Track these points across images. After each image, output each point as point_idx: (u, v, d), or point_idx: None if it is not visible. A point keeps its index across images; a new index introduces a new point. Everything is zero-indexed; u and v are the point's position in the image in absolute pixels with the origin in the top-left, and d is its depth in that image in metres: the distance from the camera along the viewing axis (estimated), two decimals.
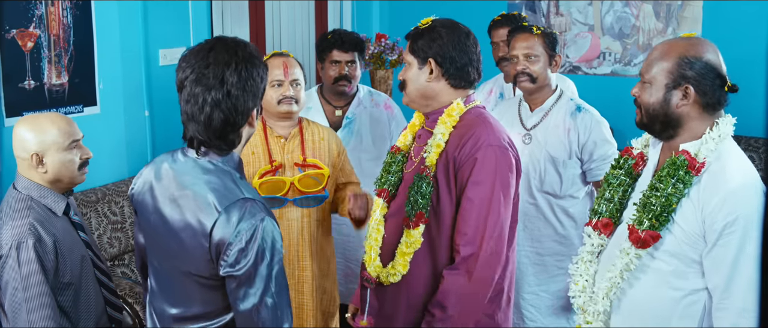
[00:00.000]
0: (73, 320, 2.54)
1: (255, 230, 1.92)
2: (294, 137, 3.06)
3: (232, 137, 2.02)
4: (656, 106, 2.16)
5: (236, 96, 1.96)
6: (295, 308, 3.05)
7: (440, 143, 2.50)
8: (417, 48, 2.54)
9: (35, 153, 2.47)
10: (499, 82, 4.28)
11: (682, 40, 2.19)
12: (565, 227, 3.40)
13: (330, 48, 3.72)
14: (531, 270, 3.46)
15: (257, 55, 2.03)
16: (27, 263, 2.37)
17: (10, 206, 2.48)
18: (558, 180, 3.36)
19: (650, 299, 2.17)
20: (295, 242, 3.02)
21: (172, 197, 2.03)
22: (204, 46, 2.01)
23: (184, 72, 1.99)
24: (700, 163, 2.09)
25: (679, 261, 2.12)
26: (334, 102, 3.83)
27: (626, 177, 2.33)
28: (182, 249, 2.01)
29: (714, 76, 2.11)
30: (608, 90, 5.74)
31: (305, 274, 3.03)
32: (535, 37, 3.35)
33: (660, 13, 5.59)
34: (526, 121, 3.44)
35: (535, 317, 3.47)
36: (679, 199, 2.09)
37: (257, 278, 1.93)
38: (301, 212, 3.01)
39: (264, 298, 1.94)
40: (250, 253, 1.91)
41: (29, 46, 3.72)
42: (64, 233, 2.52)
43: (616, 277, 2.19)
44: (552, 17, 5.99)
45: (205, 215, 1.95)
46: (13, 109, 3.64)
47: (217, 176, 2.00)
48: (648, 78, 2.18)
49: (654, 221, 2.11)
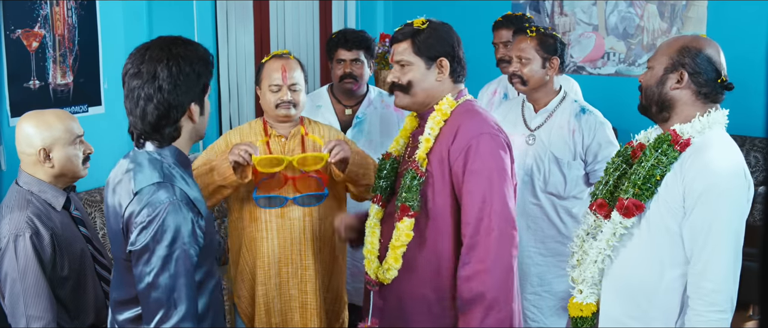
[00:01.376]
0: (72, 313, 2.59)
1: (159, 211, 1.99)
2: (294, 136, 3.06)
3: (168, 130, 2.10)
4: (653, 87, 2.31)
5: (168, 90, 2.05)
6: (299, 308, 3.05)
7: (429, 138, 2.53)
8: (421, 48, 2.54)
9: (42, 148, 2.53)
10: (504, 82, 4.28)
11: (688, 36, 2.36)
12: (569, 227, 3.39)
13: (335, 47, 3.75)
14: (534, 271, 3.45)
15: (194, 53, 2.10)
16: (24, 256, 2.43)
17: (10, 201, 2.54)
18: (562, 181, 3.36)
19: (636, 271, 2.28)
20: (297, 241, 3.02)
21: (114, 184, 2.15)
22: (144, 44, 2.12)
23: (125, 68, 2.11)
24: (684, 140, 2.21)
25: (663, 235, 2.22)
26: (344, 101, 3.84)
27: (623, 164, 2.42)
28: (113, 233, 2.14)
29: (711, 69, 2.24)
30: (612, 90, 5.74)
31: (308, 273, 3.03)
32: (528, 39, 3.35)
33: (664, 13, 5.58)
34: (530, 122, 3.43)
35: (538, 317, 3.47)
36: (663, 173, 2.22)
37: (154, 257, 1.99)
38: (302, 211, 3.01)
39: (159, 277, 1.99)
40: (149, 230, 1.99)
41: (34, 46, 3.73)
42: (63, 227, 2.57)
43: (602, 244, 2.31)
44: (556, 17, 5.99)
45: (125, 197, 2.06)
46: (18, 109, 3.65)
47: (149, 164, 2.09)
48: (651, 64, 2.34)
49: (637, 189, 2.23)
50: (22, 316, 2.43)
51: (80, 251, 2.62)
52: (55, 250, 2.51)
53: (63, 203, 2.60)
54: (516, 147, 3.40)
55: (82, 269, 2.62)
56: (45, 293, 2.45)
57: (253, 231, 3.03)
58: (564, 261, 3.40)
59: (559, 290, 3.45)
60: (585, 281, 2.37)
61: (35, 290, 2.44)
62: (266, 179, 2.93)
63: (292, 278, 3.03)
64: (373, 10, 6.60)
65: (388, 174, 2.68)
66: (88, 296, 2.62)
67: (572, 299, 2.42)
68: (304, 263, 3.03)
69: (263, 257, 3.02)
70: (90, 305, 2.63)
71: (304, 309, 3.05)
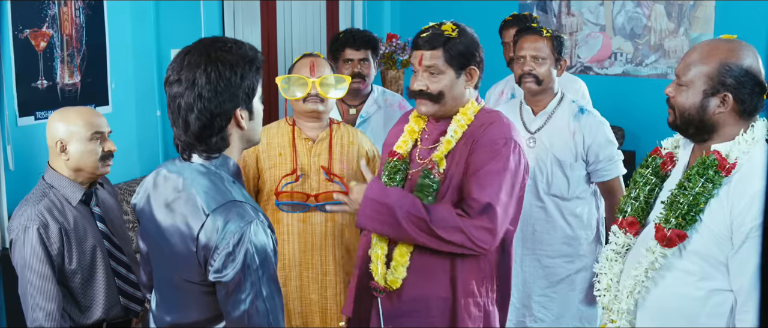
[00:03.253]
0: (81, 306, 2.70)
1: (243, 234, 1.85)
2: (322, 140, 3.02)
3: (214, 140, 1.94)
4: (692, 111, 2.12)
5: (208, 98, 1.89)
6: (319, 312, 3.04)
7: (451, 140, 2.51)
8: (455, 56, 2.49)
9: (60, 140, 2.66)
10: (511, 83, 4.28)
11: (722, 43, 2.14)
12: (573, 228, 3.39)
13: (342, 47, 3.73)
14: (541, 273, 3.45)
15: (236, 54, 1.94)
16: (31, 247, 2.56)
17: (31, 194, 2.69)
18: (566, 183, 3.35)
19: (676, 299, 2.13)
20: (319, 246, 3.00)
21: (166, 201, 1.97)
22: (184, 49, 1.97)
23: (166, 75, 1.97)
24: (730, 163, 2.05)
25: (705, 262, 2.08)
26: (348, 101, 3.84)
27: (653, 176, 2.30)
28: (173, 255, 1.95)
29: (753, 83, 2.07)
30: (620, 90, 5.73)
31: (328, 278, 3.02)
32: (544, 39, 3.33)
33: (672, 14, 5.57)
34: (530, 124, 3.42)
35: (547, 319, 3.47)
36: (708, 199, 2.06)
37: (247, 283, 1.86)
38: (324, 217, 2.98)
39: (255, 303, 1.87)
40: (237, 257, 1.84)
41: (42, 46, 3.74)
42: (76, 222, 2.68)
43: (641, 275, 2.16)
44: (563, 17, 5.98)
45: (193, 219, 1.89)
46: (26, 109, 3.66)
47: (209, 179, 1.94)
48: (685, 81, 2.13)
49: (681, 220, 2.07)
50: (28, 304, 2.56)
51: (92, 247, 2.71)
52: (63, 243, 2.62)
53: (80, 198, 2.70)
54: None
55: (92, 263, 2.71)
56: (50, 285, 2.56)
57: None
58: (570, 261, 3.41)
59: (566, 291, 3.44)
60: (620, 312, 2.22)
61: (40, 281, 2.56)
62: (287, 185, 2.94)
63: (313, 282, 3.01)
64: (380, 10, 6.60)
65: (402, 177, 2.62)
66: (97, 291, 2.71)
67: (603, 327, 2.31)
68: (325, 268, 3.02)
69: (284, 261, 3.00)
70: (100, 299, 2.73)
71: (324, 314, 3.04)
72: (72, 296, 2.67)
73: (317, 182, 2.97)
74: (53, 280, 2.58)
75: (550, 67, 3.33)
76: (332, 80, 2.97)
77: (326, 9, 6.04)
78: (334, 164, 3.00)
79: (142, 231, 2.13)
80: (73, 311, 2.68)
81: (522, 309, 3.48)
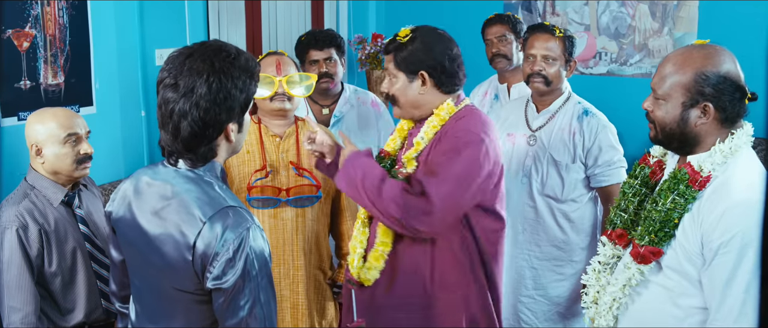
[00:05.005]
0: (62, 309, 2.67)
1: (242, 240, 1.83)
2: (289, 136, 3.05)
3: (203, 150, 1.92)
4: (673, 126, 2.06)
5: (205, 108, 1.84)
6: (290, 308, 3.05)
7: (420, 141, 2.55)
8: (401, 61, 2.55)
9: (34, 144, 2.64)
10: (494, 83, 4.28)
11: (696, 50, 2.06)
12: (566, 231, 3.36)
13: (306, 49, 3.76)
14: (529, 274, 3.43)
15: (240, 67, 1.90)
16: (9, 248, 2.53)
17: (12, 195, 2.67)
18: (560, 184, 3.33)
19: (654, 315, 2.10)
20: (290, 241, 3.01)
21: (153, 210, 1.92)
22: (184, 51, 1.91)
23: (161, 75, 1.91)
24: (704, 177, 2.00)
25: (682, 278, 2.03)
26: (320, 101, 3.86)
27: (642, 187, 2.25)
28: (165, 263, 1.90)
29: (733, 89, 2.00)
30: (604, 90, 5.74)
31: (300, 273, 3.03)
32: (556, 39, 3.29)
33: (656, 13, 5.59)
34: (532, 122, 3.40)
35: (531, 321, 3.46)
36: (681, 214, 2.00)
37: (246, 290, 1.84)
38: (295, 212, 3.01)
39: (254, 310, 1.86)
40: (237, 264, 1.82)
41: (25, 46, 3.72)
42: (57, 224, 2.66)
43: (618, 292, 2.14)
44: (548, 17, 6.00)
45: (188, 226, 1.85)
46: (9, 109, 3.63)
47: (198, 186, 1.90)
48: (662, 94, 2.07)
49: (653, 236, 2.03)
50: (5, 306, 2.53)
51: (73, 249, 2.68)
52: (43, 245, 2.60)
53: (61, 199, 2.68)
54: (517, 147, 3.39)
55: (73, 266, 2.68)
56: (26, 286, 2.53)
57: None
58: (561, 266, 3.39)
59: (554, 296, 3.42)
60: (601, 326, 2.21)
61: (17, 282, 2.53)
62: (258, 181, 2.94)
63: (284, 278, 3.03)
64: (365, 10, 6.59)
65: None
66: (78, 294, 2.67)
67: None
68: (296, 264, 3.03)
69: None
70: (81, 302, 2.70)
71: (295, 309, 3.05)
72: (52, 299, 2.63)
73: (287, 177, 3.00)
74: (31, 282, 2.55)
75: (560, 67, 3.30)
76: (298, 78, 3.00)
77: (311, 9, 6.03)
78: (303, 158, 3.03)
79: (118, 240, 2.07)
80: (54, 314, 2.64)
81: (509, 309, 3.47)
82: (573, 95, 3.42)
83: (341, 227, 3.25)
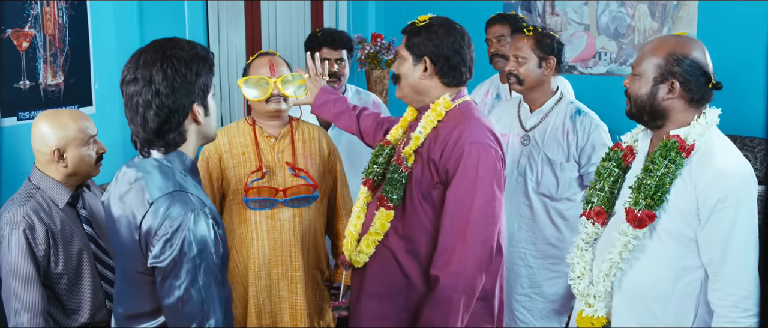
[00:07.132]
0: (67, 309, 2.66)
1: (182, 222, 1.91)
2: (284, 137, 3.05)
3: (172, 136, 2.02)
4: (644, 98, 2.30)
5: (166, 94, 1.97)
6: (289, 309, 3.05)
7: (419, 136, 2.57)
8: (412, 45, 2.61)
9: (56, 148, 2.61)
10: (496, 82, 4.29)
11: (672, 37, 2.33)
12: (561, 230, 3.38)
13: (320, 45, 3.73)
14: (524, 272, 3.44)
15: (190, 52, 2.02)
16: (16, 249, 2.51)
17: (17, 195, 2.64)
18: (554, 182, 3.34)
19: (650, 279, 2.26)
20: (288, 241, 3.01)
21: (120, 194, 2.04)
22: (138, 50, 2.03)
23: (122, 75, 2.03)
24: (690, 145, 2.21)
25: (675, 240, 2.22)
26: None
27: (616, 168, 2.43)
28: (122, 245, 2.03)
29: (699, 73, 2.24)
30: (604, 90, 5.75)
31: (298, 274, 3.03)
32: (525, 39, 3.33)
33: (655, 13, 5.60)
34: (526, 122, 3.42)
35: (527, 319, 3.46)
36: (672, 179, 2.21)
37: (182, 270, 1.91)
38: (292, 212, 3.01)
39: (189, 290, 1.91)
40: (175, 243, 1.90)
41: (25, 46, 3.72)
42: (62, 225, 2.64)
43: (615, 258, 2.29)
44: (548, 17, 6.00)
45: (138, 208, 1.96)
46: (9, 109, 3.63)
47: (161, 171, 2.01)
48: (638, 71, 2.32)
49: (649, 200, 2.21)
50: (11, 308, 2.51)
51: (78, 250, 2.67)
52: (49, 246, 2.58)
53: (67, 200, 2.67)
54: (511, 147, 3.40)
55: (78, 267, 2.67)
56: (34, 287, 2.52)
57: (243, 233, 3.02)
58: (556, 264, 3.40)
59: (549, 293, 3.43)
60: (597, 296, 2.34)
61: (24, 284, 2.51)
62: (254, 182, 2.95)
63: (282, 279, 3.03)
64: (364, 10, 6.59)
65: (383, 161, 2.74)
66: (83, 295, 2.67)
67: (581, 313, 2.38)
68: (294, 264, 3.03)
69: (254, 259, 3.01)
70: (86, 303, 2.69)
71: (294, 310, 3.05)
72: (57, 300, 2.62)
73: (283, 178, 3.00)
74: (38, 283, 2.53)
75: (531, 66, 3.31)
76: (291, 78, 3.01)
77: (310, 9, 6.03)
78: (299, 159, 3.04)
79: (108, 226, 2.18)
80: (59, 315, 2.64)
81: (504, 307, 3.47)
82: (566, 95, 3.43)
83: (337, 226, 3.25)
